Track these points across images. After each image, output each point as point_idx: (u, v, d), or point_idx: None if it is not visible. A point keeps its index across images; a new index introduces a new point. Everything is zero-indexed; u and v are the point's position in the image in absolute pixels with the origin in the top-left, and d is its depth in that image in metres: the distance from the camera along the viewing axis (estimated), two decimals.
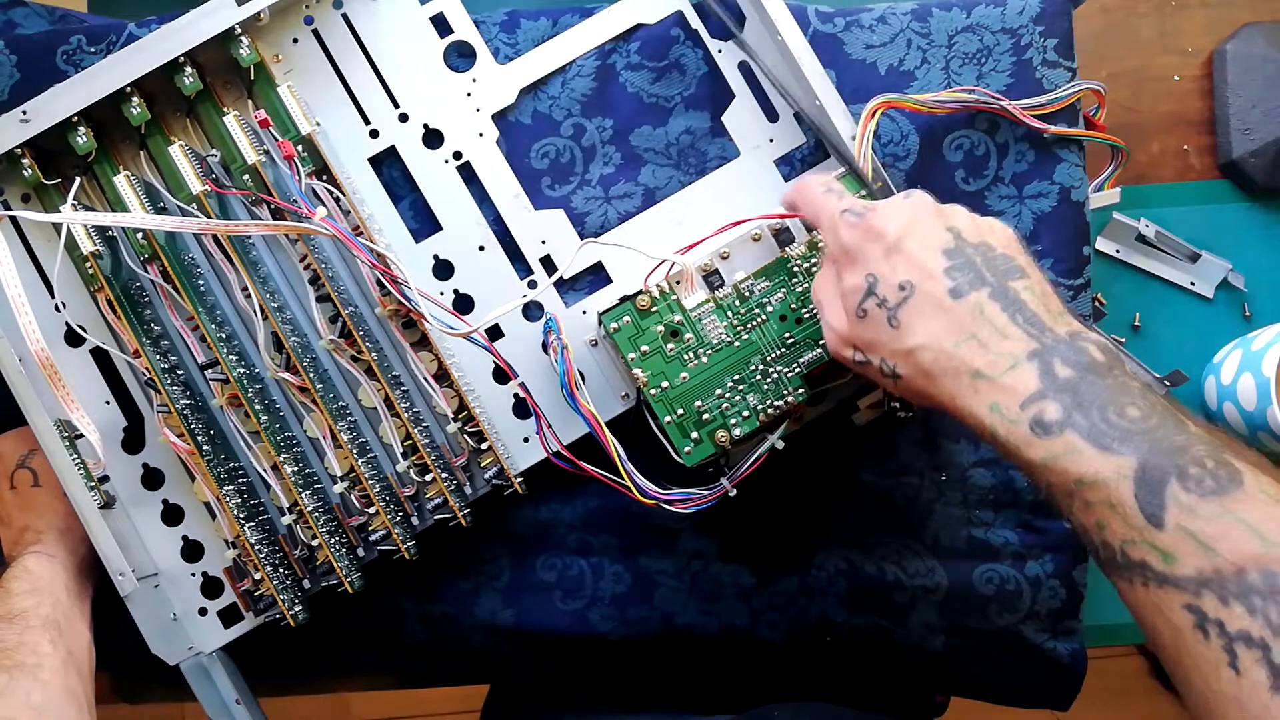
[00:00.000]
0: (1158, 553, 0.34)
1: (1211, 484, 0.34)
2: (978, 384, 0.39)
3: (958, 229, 0.42)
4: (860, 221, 0.43)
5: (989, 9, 0.58)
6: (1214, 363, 0.63)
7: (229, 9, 0.52)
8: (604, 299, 0.57)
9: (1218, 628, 0.32)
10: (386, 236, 0.56)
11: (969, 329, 0.39)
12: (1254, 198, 0.65)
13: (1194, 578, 0.33)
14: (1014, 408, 0.38)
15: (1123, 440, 0.35)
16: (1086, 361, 0.38)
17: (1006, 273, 0.40)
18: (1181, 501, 0.34)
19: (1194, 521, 0.33)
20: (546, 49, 0.58)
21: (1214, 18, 0.66)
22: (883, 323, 0.41)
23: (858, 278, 0.42)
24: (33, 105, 0.52)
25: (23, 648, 0.48)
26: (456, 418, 0.55)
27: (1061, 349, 0.38)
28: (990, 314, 0.39)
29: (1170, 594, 0.34)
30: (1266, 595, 0.32)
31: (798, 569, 0.58)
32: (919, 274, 0.40)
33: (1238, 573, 0.32)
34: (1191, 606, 0.33)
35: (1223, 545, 0.33)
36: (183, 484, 0.56)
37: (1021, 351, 0.38)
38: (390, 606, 0.59)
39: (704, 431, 0.50)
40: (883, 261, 0.41)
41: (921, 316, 0.40)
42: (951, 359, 0.39)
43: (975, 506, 0.58)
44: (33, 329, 0.51)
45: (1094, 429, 0.36)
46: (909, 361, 0.40)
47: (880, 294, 0.41)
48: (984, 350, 0.39)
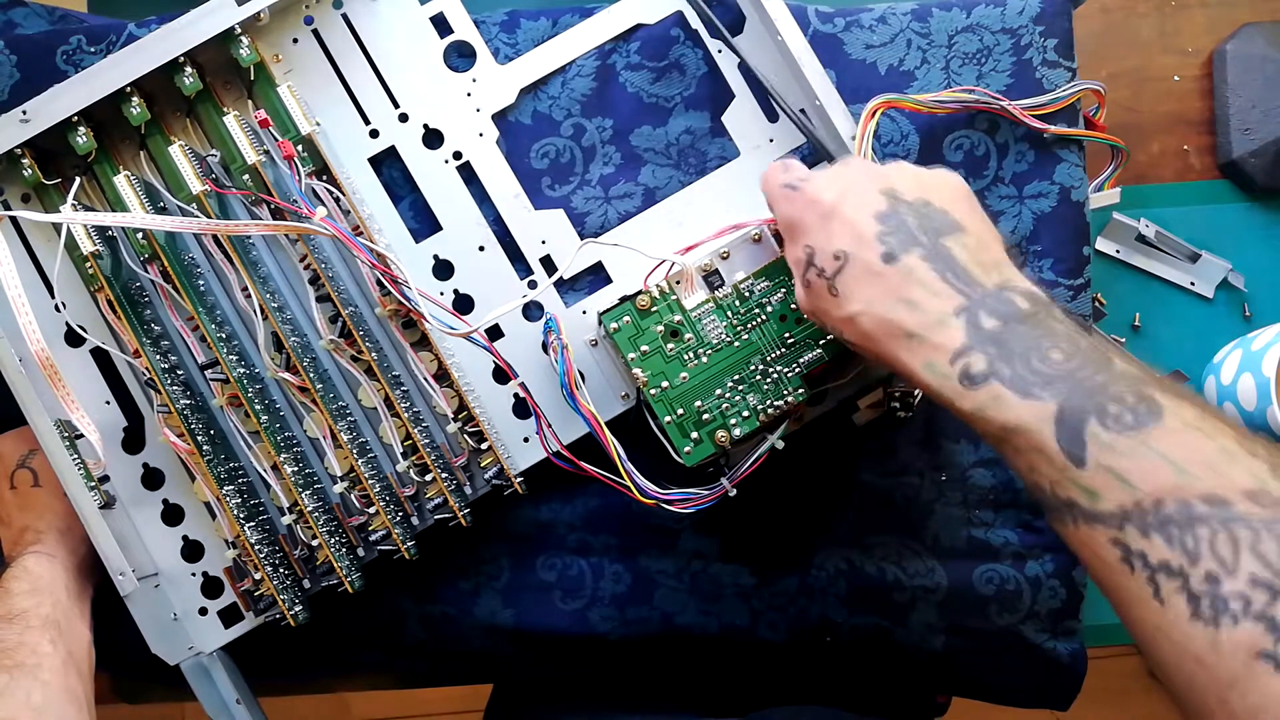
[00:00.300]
0: (1082, 491, 0.35)
1: (1130, 419, 0.35)
2: (911, 344, 0.40)
3: (894, 190, 0.42)
4: (797, 194, 0.44)
5: (989, 9, 0.58)
6: (1214, 363, 0.63)
7: (229, 9, 0.52)
8: (604, 299, 0.57)
9: (1141, 559, 0.33)
10: (386, 236, 0.56)
11: (901, 292, 0.40)
12: (1254, 198, 0.65)
13: (1116, 513, 0.34)
14: (944, 363, 0.39)
15: (1044, 385, 0.36)
16: (1012, 311, 0.39)
17: (940, 230, 0.41)
18: (1101, 439, 0.35)
19: (1113, 458, 0.34)
20: (546, 49, 0.58)
21: (1214, 18, 0.66)
22: (824, 292, 0.42)
23: (797, 250, 0.43)
24: (33, 105, 0.52)
25: (23, 648, 0.48)
26: (456, 418, 0.55)
27: (988, 301, 0.39)
28: (921, 274, 0.40)
29: (1097, 530, 0.35)
30: (1183, 525, 0.32)
31: (798, 569, 0.58)
32: (853, 241, 0.41)
33: (1156, 504, 0.33)
34: (1117, 541, 0.34)
35: (1141, 479, 0.34)
36: (183, 484, 0.56)
37: (949, 309, 0.39)
38: (390, 606, 0.59)
39: (704, 431, 0.50)
40: (820, 231, 0.42)
41: (857, 283, 0.41)
42: (886, 323, 0.40)
43: (975, 506, 0.58)
44: (33, 329, 0.51)
45: (1016, 376, 0.37)
46: (851, 327, 0.41)
47: (819, 264, 0.42)
48: (914, 311, 0.40)
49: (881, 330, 0.40)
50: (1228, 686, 0.31)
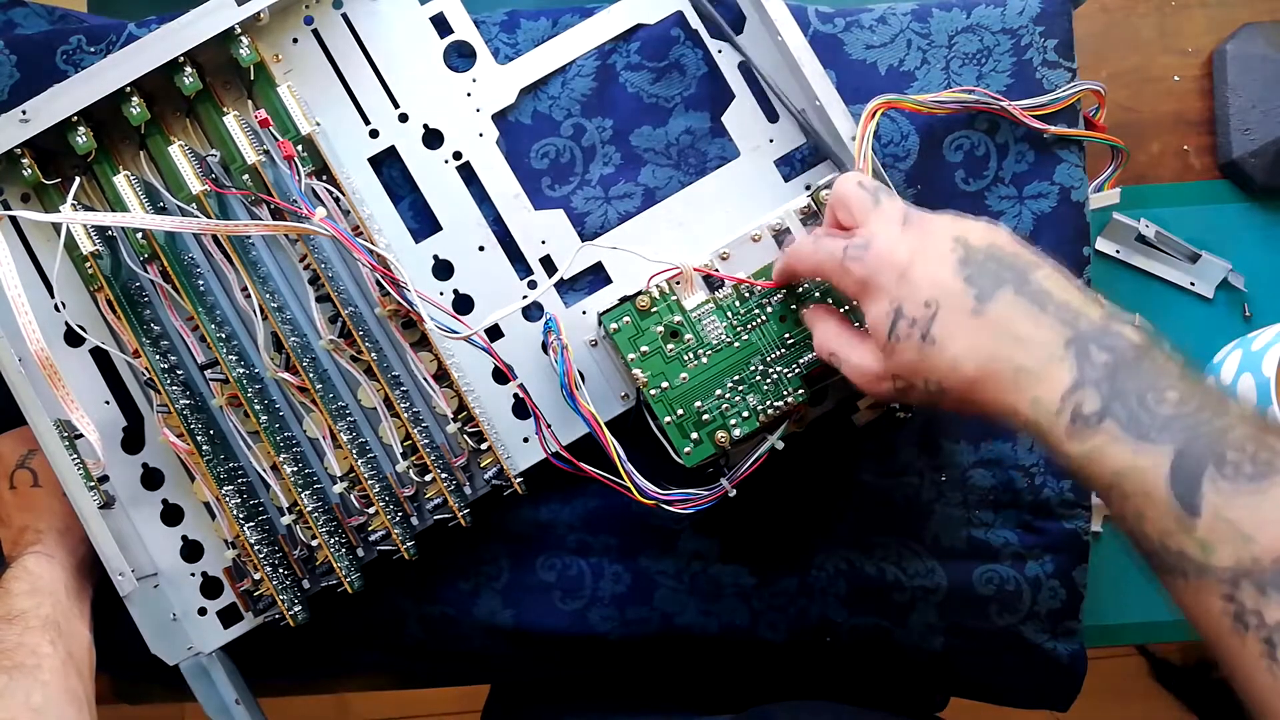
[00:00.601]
0: (1195, 543, 0.33)
1: (1250, 470, 0.33)
2: (1019, 380, 0.38)
3: (963, 238, 0.41)
4: (867, 254, 0.43)
5: (989, 9, 0.58)
6: (1214, 363, 0.63)
7: (229, 9, 0.52)
8: (604, 299, 0.57)
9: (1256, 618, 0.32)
10: (386, 237, 0.56)
11: (1003, 328, 0.39)
12: (1254, 198, 0.64)
13: (1231, 568, 0.33)
14: (1055, 400, 0.37)
15: (1161, 428, 0.35)
16: (1123, 345, 0.37)
17: (1022, 269, 0.40)
18: (1219, 489, 0.33)
19: (1231, 510, 0.33)
20: (546, 49, 0.58)
21: (1214, 18, 0.66)
22: (916, 344, 0.41)
23: (882, 307, 0.42)
24: (32, 105, 0.52)
25: (22, 648, 0.48)
26: (456, 418, 0.55)
27: (1097, 334, 0.38)
28: (1021, 310, 0.39)
29: (1209, 585, 0.33)
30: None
31: (798, 569, 0.58)
32: (940, 290, 0.40)
33: (1276, 561, 0.32)
34: (1230, 597, 0.33)
35: (1260, 534, 0.32)
36: (182, 484, 0.56)
37: (1057, 341, 0.38)
38: (390, 606, 0.59)
39: (704, 432, 0.50)
40: (902, 286, 0.41)
41: (954, 327, 0.40)
42: (993, 361, 0.39)
43: (975, 507, 0.58)
44: (32, 329, 0.51)
45: (1132, 417, 0.35)
46: (953, 374, 0.40)
47: (909, 315, 0.41)
48: (1021, 346, 0.38)
49: (987, 370, 0.39)
50: None
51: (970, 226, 0.42)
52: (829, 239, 0.45)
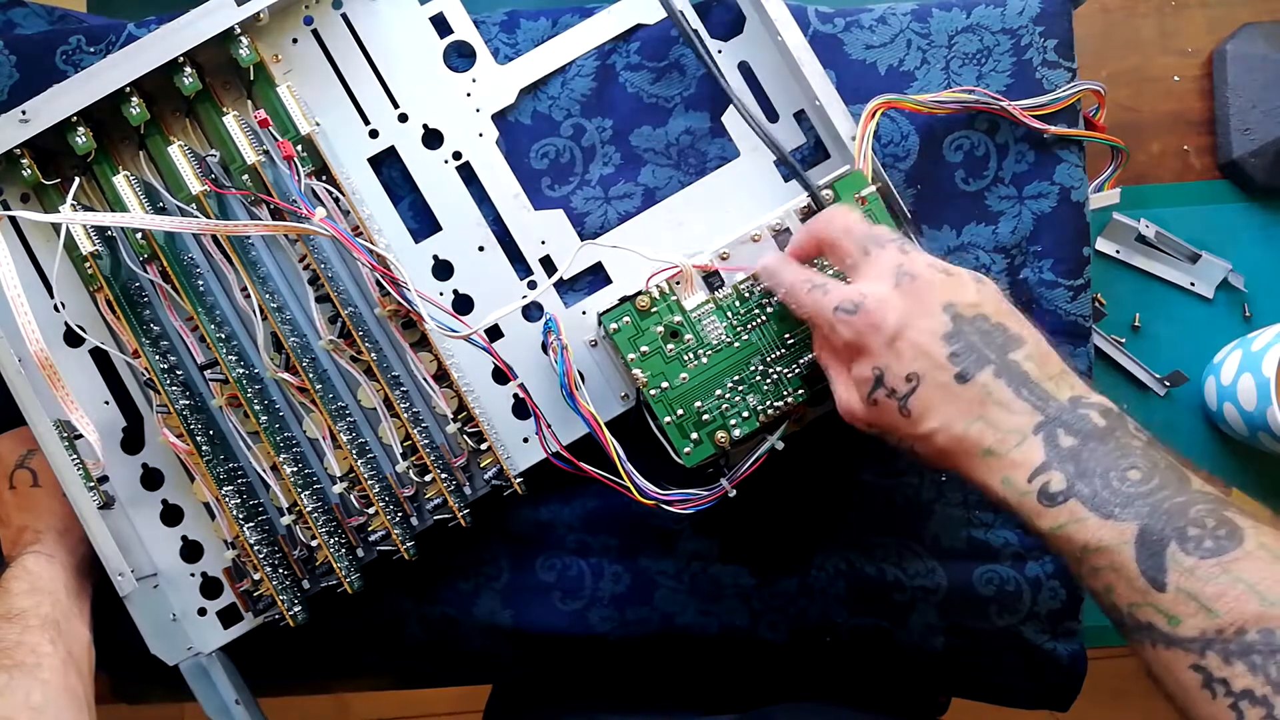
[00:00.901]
0: (1162, 615, 0.36)
1: (1210, 544, 0.35)
2: (989, 460, 0.40)
3: (953, 306, 0.42)
4: (855, 319, 0.43)
5: (989, 9, 0.58)
6: (1214, 363, 0.63)
7: (229, 9, 0.52)
8: (604, 299, 0.57)
9: (1223, 686, 0.34)
10: (386, 237, 0.56)
11: (977, 411, 0.41)
12: (1254, 198, 0.64)
13: (1197, 638, 0.34)
14: (1022, 480, 0.40)
15: (1124, 505, 0.37)
16: (1089, 428, 0.39)
17: (1004, 345, 0.41)
18: (1182, 564, 0.35)
19: (1194, 583, 0.35)
20: (546, 49, 0.57)
21: (1214, 18, 0.66)
22: (894, 411, 0.43)
23: (865, 370, 0.43)
24: (32, 105, 0.52)
25: (22, 647, 0.48)
26: (456, 418, 0.55)
27: (1065, 417, 0.40)
28: (996, 393, 0.41)
29: (1177, 654, 0.35)
30: (1266, 653, 0.33)
31: (798, 569, 0.58)
32: (924, 363, 0.42)
33: (1238, 632, 0.34)
34: (1197, 666, 0.34)
35: (1222, 605, 0.34)
36: (182, 484, 0.56)
37: (1027, 425, 0.40)
38: (390, 607, 0.59)
39: (704, 432, 0.50)
40: (886, 353, 0.42)
41: (932, 404, 0.41)
42: (963, 441, 0.41)
43: (975, 507, 0.58)
44: (32, 329, 0.51)
45: (1096, 496, 0.38)
46: (925, 444, 0.42)
47: (889, 385, 0.43)
48: (993, 429, 0.40)
49: (958, 447, 0.41)
50: None
51: (961, 291, 0.43)
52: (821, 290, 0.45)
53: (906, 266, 0.43)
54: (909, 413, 0.42)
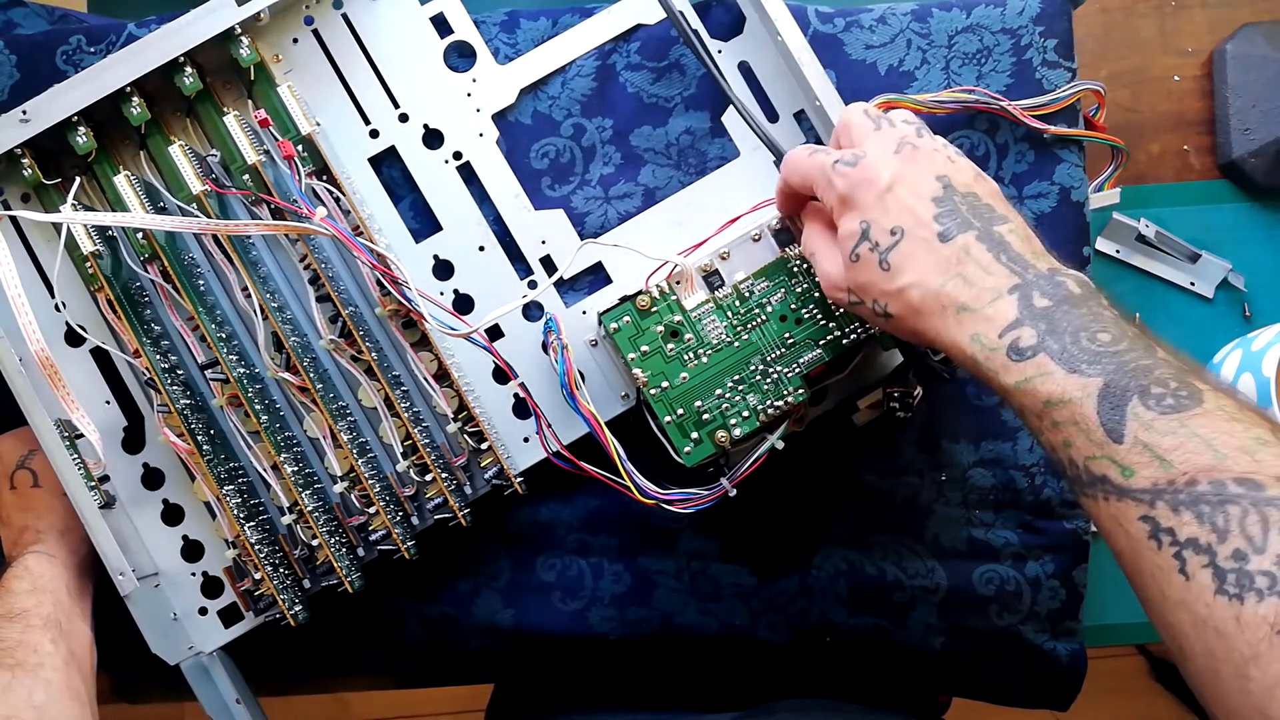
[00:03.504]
0: (1117, 466, 0.36)
1: (1171, 401, 0.35)
2: (961, 317, 0.41)
3: (947, 177, 0.43)
4: (852, 170, 0.44)
5: (989, 9, 0.58)
6: (1214, 363, 0.63)
7: (229, 9, 0.52)
8: (604, 299, 0.57)
9: (1169, 535, 0.34)
10: (386, 236, 0.56)
11: (955, 268, 0.41)
12: (1254, 198, 0.64)
13: (1149, 489, 0.35)
14: (993, 336, 0.40)
15: (1091, 362, 0.37)
16: (1063, 293, 0.40)
17: (991, 218, 0.42)
18: (1141, 417, 0.36)
19: (1151, 436, 0.35)
20: (546, 49, 0.58)
21: (1214, 18, 0.66)
22: (874, 265, 0.43)
23: (853, 223, 0.44)
24: (33, 105, 0.52)
25: (24, 646, 0.48)
26: (456, 418, 0.55)
27: (1040, 282, 0.40)
28: (976, 254, 0.41)
29: (1127, 506, 0.35)
30: (1215, 503, 0.33)
31: (798, 569, 0.58)
32: (909, 219, 0.42)
33: (1189, 483, 0.34)
34: (1146, 517, 0.35)
35: (1177, 457, 0.34)
36: (183, 484, 0.56)
37: (1003, 285, 0.40)
38: (390, 606, 0.59)
39: (704, 431, 0.50)
40: (875, 207, 0.43)
41: (911, 259, 0.42)
42: (938, 296, 0.41)
43: (975, 507, 0.58)
44: (33, 329, 0.51)
45: (1065, 352, 0.38)
46: (899, 299, 0.42)
47: (873, 238, 0.43)
48: (968, 286, 0.41)
49: (931, 303, 0.41)
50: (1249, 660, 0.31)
51: (958, 168, 0.44)
52: (823, 151, 0.46)
53: (911, 139, 0.45)
54: (888, 266, 0.42)
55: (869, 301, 0.44)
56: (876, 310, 0.44)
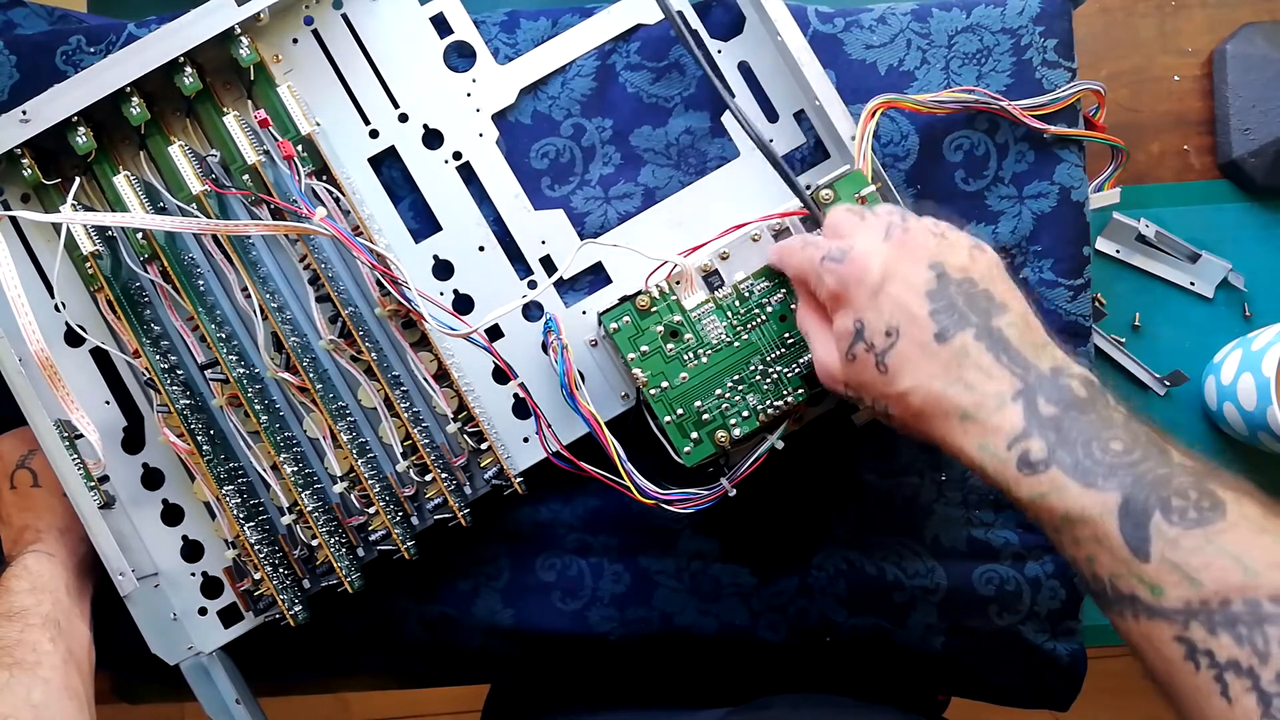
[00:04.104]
0: (1145, 585, 0.35)
1: (1194, 515, 0.34)
2: (966, 425, 0.40)
3: (941, 265, 0.42)
4: (840, 267, 0.43)
5: (989, 9, 0.58)
6: (1214, 363, 0.63)
7: (229, 9, 0.52)
8: (604, 299, 0.57)
9: (1207, 657, 0.33)
10: (386, 236, 0.56)
11: (955, 372, 0.40)
12: (1254, 198, 0.64)
13: (1181, 609, 0.34)
14: (1001, 446, 0.39)
15: (1107, 475, 0.36)
16: (1069, 398, 0.39)
17: (989, 310, 0.41)
18: (1165, 534, 0.35)
19: (1178, 553, 0.34)
20: (546, 49, 0.58)
21: (1214, 18, 0.66)
22: (871, 367, 0.42)
23: (846, 322, 0.43)
24: (33, 105, 0.52)
25: (23, 645, 0.48)
26: (456, 418, 0.55)
27: (1045, 386, 0.39)
28: (975, 355, 0.40)
29: (1159, 626, 0.35)
30: (1251, 624, 0.32)
31: (797, 569, 0.58)
32: (904, 318, 0.41)
33: (1223, 603, 0.33)
34: (1181, 638, 0.34)
35: (1207, 576, 0.34)
36: (183, 484, 0.56)
37: (1007, 391, 0.39)
38: (390, 606, 0.59)
39: (704, 431, 0.50)
40: (868, 306, 0.42)
41: (909, 362, 0.41)
42: (940, 402, 0.40)
43: (975, 507, 0.58)
44: (33, 329, 0.51)
45: (1078, 465, 0.37)
46: (900, 403, 0.41)
47: (868, 339, 0.42)
48: (970, 392, 0.40)
49: (934, 408, 0.40)
50: None
51: (952, 251, 0.42)
52: (813, 245, 0.46)
53: (900, 222, 0.44)
54: (886, 368, 0.41)
55: (869, 401, 0.43)
56: (877, 409, 0.43)
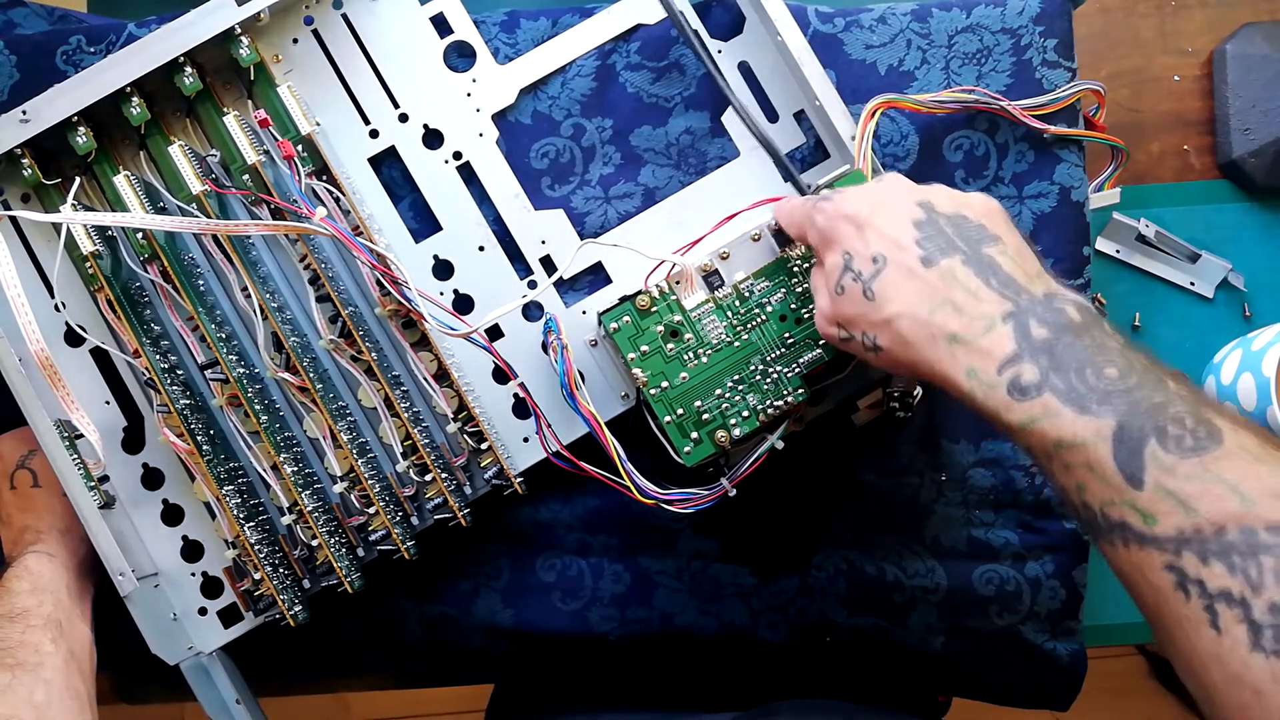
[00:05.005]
0: (1137, 513, 0.34)
1: (1191, 442, 0.34)
2: (954, 349, 0.38)
3: (930, 202, 0.42)
4: (830, 206, 0.44)
5: (989, 9, 0.58)
6: (1214, 363, 0.63)
7: (229, 9, 0.52)
8: (604, 299, 0.57)
9: (1198, 587, 0.32)
10: (386, 236, 0.56)
11: (942, 294, 0.39)
12: (1254, 198, 0.64)
13: (1174, 537, 0.33)
14: (991, 371, 0.38)
15: (1101, 401, 0.35)
16: (1063, 321, 0.38)
17: (980, 240, 0.40)
18: (1160, 461, 0.34)
19: (1173, 480, 0.33)
20: (546, 49, 0.58)
21: (1214, 18, 0.66)
22: (859, 296, 0.41)
23: (835, 256, 0.43)
24: (33, 105, 0.52)
25: (24, 646, 0.48)
26: (456, 418, 0.55)
27: (1037, 309, 0.38)
28: (963, 278, 0.39)
29: (1151, 554, 0.34)
30: (1246, 553, 0.31)
31: (798, 569, 0.58)
32: (890, 246, 0.41)
33: (1217, 531, 0.32)
34: (1172, 566, 0.33)
35: (1202, 504, 0.33)
36: (183, 484, 0.56)
37: (996, 313, 0.38)
38: (390, 606, 0.59)
39: (704, 431, 0.50)
40: (855, 238, 0.42)
41: (895, 287, 0.40)
42: (927, 325, 0.39)
43: (975, 507, 0.58)
44: (33, 329, 0.51)
45: (1071, 390, 0.36)
46: (887, 331, 0.41)
47: (855, 269, 0.42)
48: (959, 314, 0.39)
49: (921, 333, 0.39)
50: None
51: (944, 195, 0.43)
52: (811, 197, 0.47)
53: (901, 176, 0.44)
54: (873, 295, 0.41)
55: (858, 335, 0.42)
56: (866, 344, 0.42)
